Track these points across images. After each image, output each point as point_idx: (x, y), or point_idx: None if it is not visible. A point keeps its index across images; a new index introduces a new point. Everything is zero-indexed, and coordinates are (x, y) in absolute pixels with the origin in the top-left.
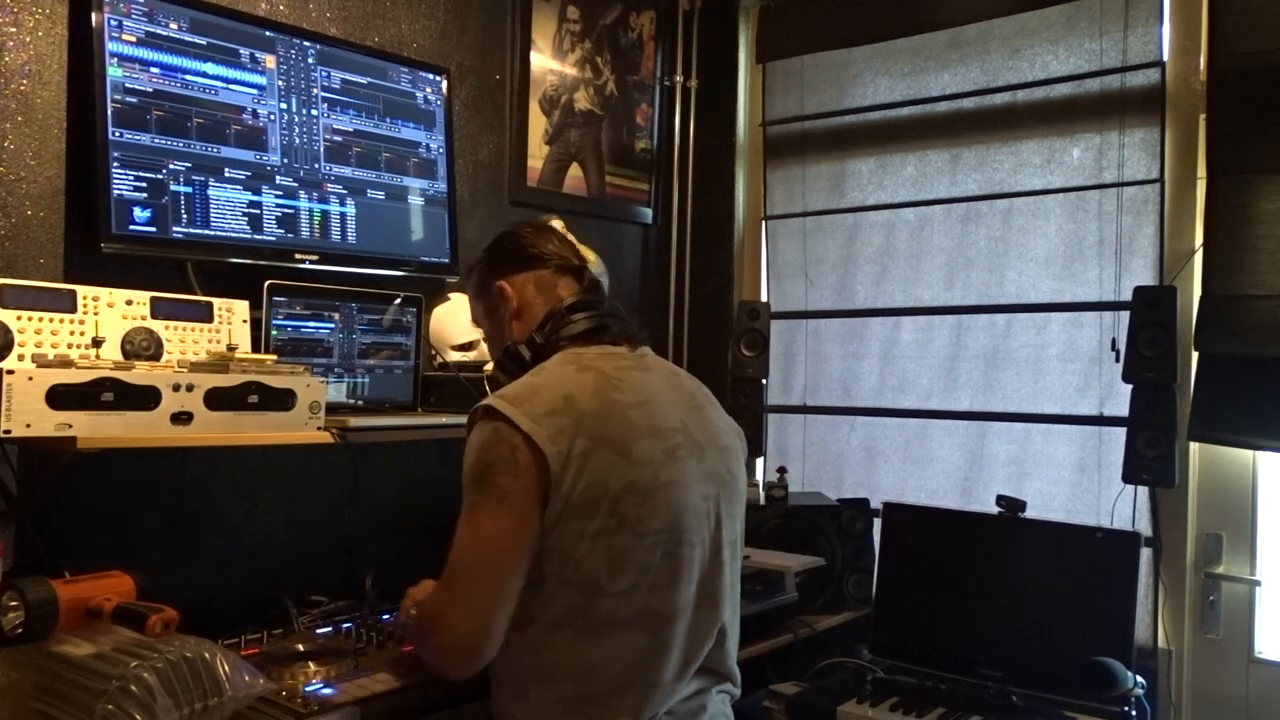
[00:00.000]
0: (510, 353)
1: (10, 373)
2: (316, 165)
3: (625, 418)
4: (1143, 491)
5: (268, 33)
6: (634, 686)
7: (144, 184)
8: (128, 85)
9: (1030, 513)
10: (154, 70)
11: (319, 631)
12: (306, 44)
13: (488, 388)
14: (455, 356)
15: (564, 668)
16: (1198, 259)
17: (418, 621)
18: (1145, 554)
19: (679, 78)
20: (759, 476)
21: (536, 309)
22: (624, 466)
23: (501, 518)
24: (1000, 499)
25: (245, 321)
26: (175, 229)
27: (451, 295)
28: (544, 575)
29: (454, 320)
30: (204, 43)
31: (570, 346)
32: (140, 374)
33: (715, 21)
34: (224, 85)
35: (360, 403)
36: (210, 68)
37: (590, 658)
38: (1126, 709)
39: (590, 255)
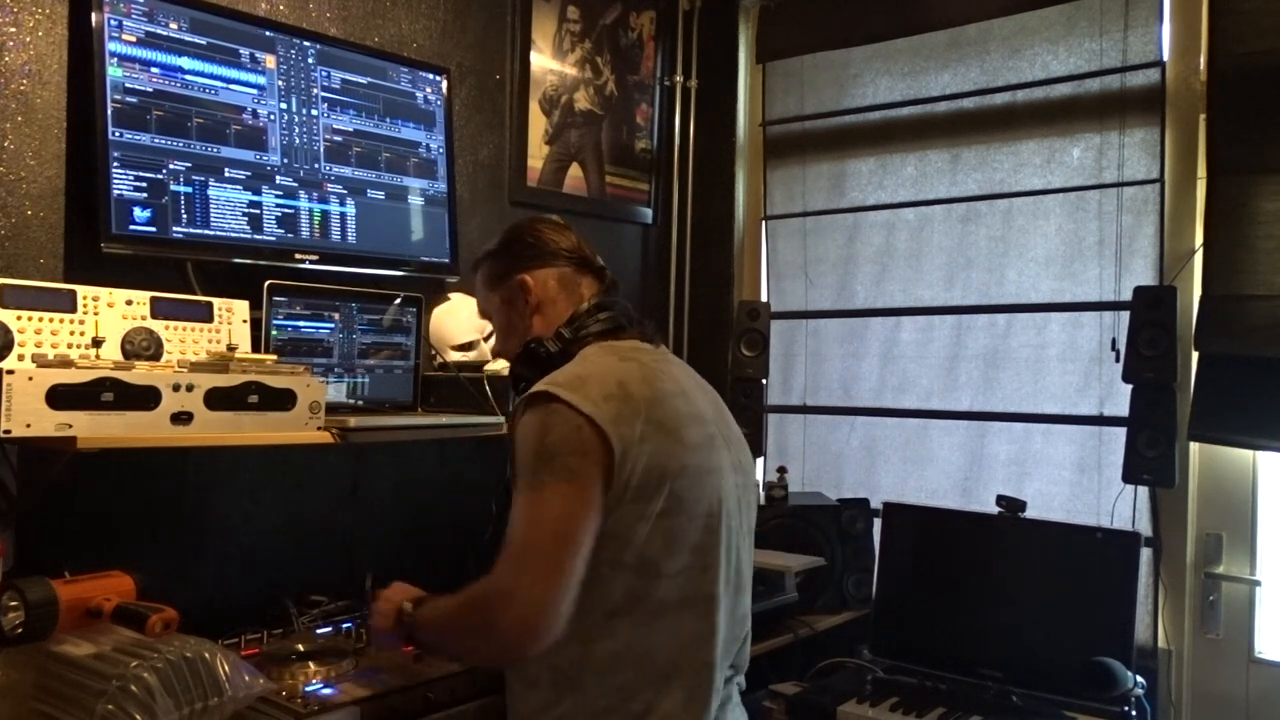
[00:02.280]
0: (532, 348)
1: (10, 373)
2: (316, 165)
3: (672, 404)
4: (1143, 491)
5: (268, 33)
6: (686, 669)
7: (144, 184)
8: (128, 85)
9: (1030, 513)
10: (154, 70)
11: (319, 631)
12: (306, 44)
13: (488, 388)
14: (455, 356)
15: (622, 655)
16: (1198, 259)
17: (476, 604)
18: (1145, 554)
19: (679, 78)
20: (759, 476)
21: (560, 305)
22: (678, 450)
23: (572, 497)
24: (1000, 499)
25: (245, 321)
26: (175, 229)
27: (452, 295)
28: (596, 562)
29: (454, 320)
30: (204, 43)
31: (600, 340)
32: (140, 374)
33: (715, 21)
34: (224, 85)
35: (360, 403)
36: (210, 68)
37: (647, 643)
38: (1126, 709)
39: None
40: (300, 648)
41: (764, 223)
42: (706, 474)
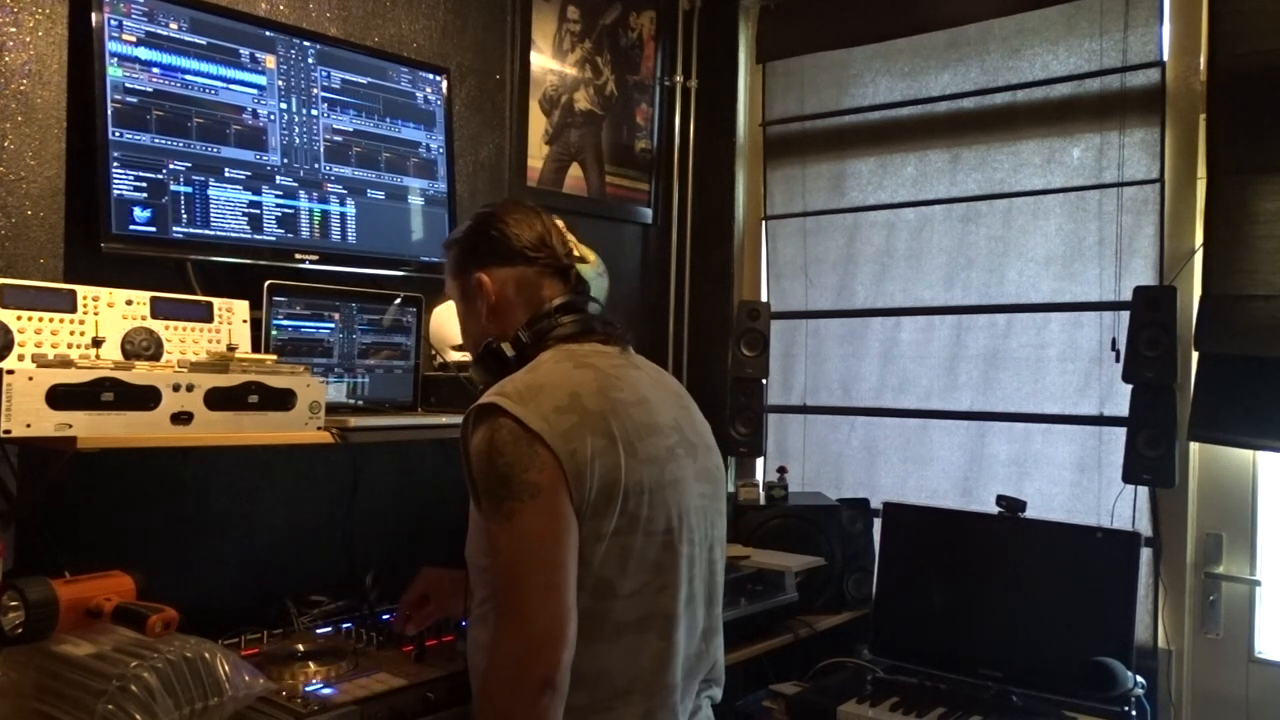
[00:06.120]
0: (492, 350)
1: (10, 373)
2: (316, 165)
3: (628, 415)
4: (1143, 491)
5: (268, 33)
6: (644, 690)
7: (144, 184)
8: (128, 85)
9: (1030, 513)
10: (154, 70)
11: (319, 631)
12: (306, 44)
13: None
14: (455, 356)
15: (575, 675)
16: (1198, 259)
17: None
18: (1145, 554)
19: (679, 78)
20: (759, 476)
21: (516, 310)
22: (632, 464)
23: (543, 513)
24: (1000, 499)
25: (245, 321)
26: (175, 229)
27: None
28: None
29: (454, 320)
30: (204, 43)
31: (559, 344)
32: (140, 374)
33: (715, 21)
34: (224, 85)
35: (360, 403)
36: (210, 68)
37: (602, 663)
38: (1126, 709)
39: (590, 255)
40: (300, 648)
41: (764, 223)
42: (664, 488)
